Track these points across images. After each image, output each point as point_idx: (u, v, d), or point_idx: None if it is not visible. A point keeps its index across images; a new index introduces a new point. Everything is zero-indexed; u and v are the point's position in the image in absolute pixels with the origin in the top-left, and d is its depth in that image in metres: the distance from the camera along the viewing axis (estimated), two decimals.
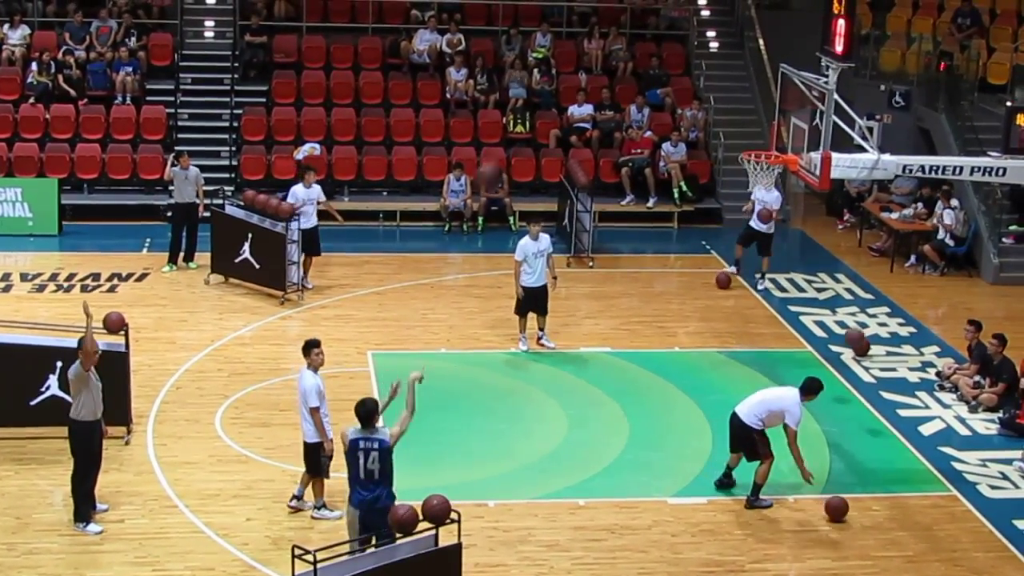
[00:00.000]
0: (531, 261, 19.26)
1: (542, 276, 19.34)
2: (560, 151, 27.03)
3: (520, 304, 19.46)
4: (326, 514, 14.50)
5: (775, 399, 15.12)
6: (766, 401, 15.11)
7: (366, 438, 12.42)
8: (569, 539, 14.33)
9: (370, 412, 12.45)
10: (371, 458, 12.38)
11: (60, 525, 14.18)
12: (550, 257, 19.46)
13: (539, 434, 16.92)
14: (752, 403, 15.14)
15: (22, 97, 26.49)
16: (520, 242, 19.39)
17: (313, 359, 14.26)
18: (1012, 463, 16.50)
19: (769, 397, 15.21)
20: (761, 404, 15.07)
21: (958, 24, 28.05)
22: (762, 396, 15.26)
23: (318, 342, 14.34)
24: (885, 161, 16.97)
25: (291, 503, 14.69)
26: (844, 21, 16.75)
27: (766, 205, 22.45)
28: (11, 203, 24.33)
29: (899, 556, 14.31)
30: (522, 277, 19.25)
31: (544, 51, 28.54)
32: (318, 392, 14.15)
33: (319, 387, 14.17)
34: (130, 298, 21.05)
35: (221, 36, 28.90)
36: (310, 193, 21.47)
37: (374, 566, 11.46)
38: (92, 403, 13.97)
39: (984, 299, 22.94)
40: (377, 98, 27.72)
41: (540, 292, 19.44)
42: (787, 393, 15.13)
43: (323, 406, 14.27)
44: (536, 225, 19.47)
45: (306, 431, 14.35)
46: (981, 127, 24.68)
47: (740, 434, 15.13)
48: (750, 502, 15.07)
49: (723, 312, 21.63)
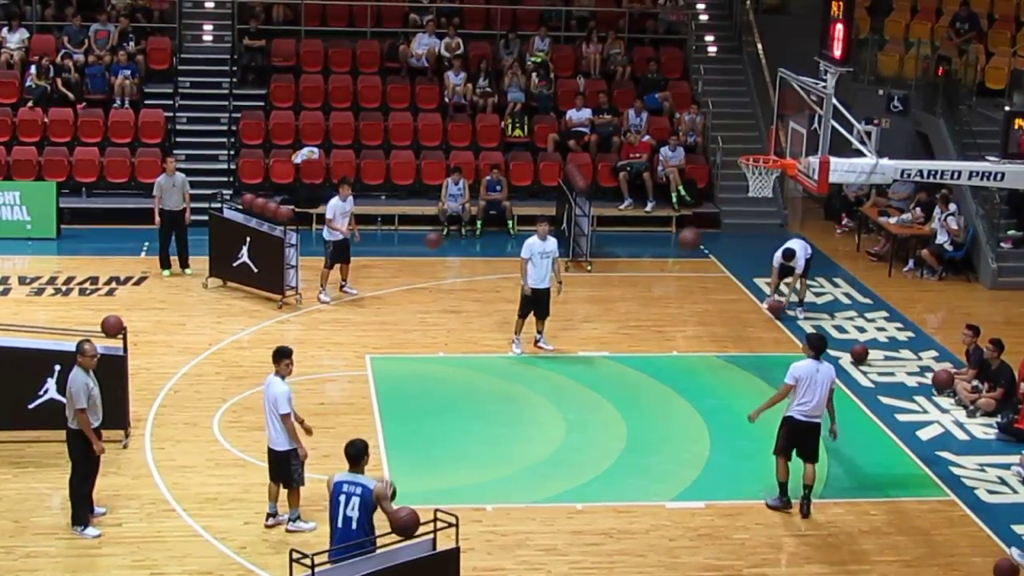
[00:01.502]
0: (536, 261, 19.22)
1: (546, 278, 19.33)
2: (558, 155, 27.04)
3: (522, 304, 19.44)
4: (301, 526, 14.19)
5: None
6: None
7: (351, 481, 11.90)
8: (567, 543, 14.32)
9: (359, 452, 12.02)
10: (351, 504, 11.81)
11: (58, 529, 14.17)
12: (556, 261, 19.45)
13: (537, 438, 16.92)
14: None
15: (20, 101, 26.49)
16: (528, 241, 19.36)
17: (282, 368, 13.98)
18: (1010, 468, 16.51)
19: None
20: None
21: (956, 28, 28.09)
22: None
23: (290, 352, 14.08)
24: (883, 165, 16.99)
25: (267, 523, 14.33)
26: (842, 25, 16.77)
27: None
28: (9, 207, 24.33)
29: (897, 561, 14.31)
30: (529, 278, 19.24)
31: (542, 55, 28.56)
32: (288, 399, 13.88)
33: (289, 394, 13.90)
34: (128, 302, 21.05)
35: (219, 40, 28.90)
36: (346, 205, 21.44)
37: (372, 570, 11.44)
38: (92, 411, 13.96)
39: (982, 304, 22.94)
40: (375, 102, 27.73)
41: (543, 294, 19.43)
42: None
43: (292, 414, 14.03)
44: (544, 225, 19.44)
45: (275, 439, 14.01)
46: (979, 131, 24.69)
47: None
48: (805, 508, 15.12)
49: (721, 316, 21.63)
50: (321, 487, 12.77)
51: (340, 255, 21.48)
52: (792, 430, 14.98)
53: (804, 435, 14.97)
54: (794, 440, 15.00)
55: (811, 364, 14.89)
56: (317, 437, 16.46)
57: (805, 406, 14.83)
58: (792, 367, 14.95)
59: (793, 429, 14.97)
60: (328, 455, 16.00)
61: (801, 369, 14.86)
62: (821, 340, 15.31)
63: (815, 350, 15.03)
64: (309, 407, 17.40)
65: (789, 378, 14.88)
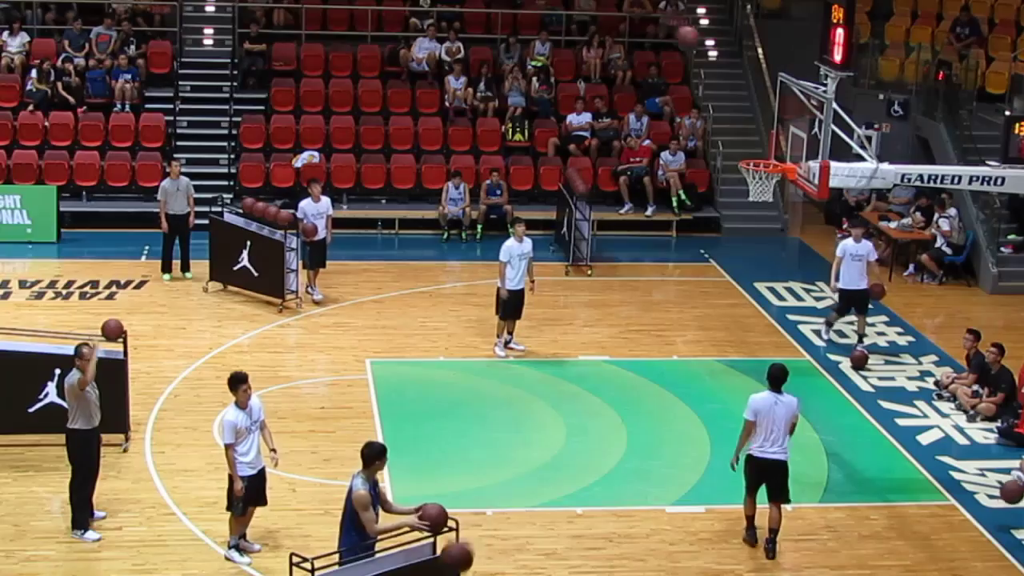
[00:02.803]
0: (515, 263, 19.26)
1: (522, 280, 19.36)
2: (559, 159, 27.05)
3: (503, 307, 19.45)
4: (234, 556, 13.67)
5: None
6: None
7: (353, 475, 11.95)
8: (567, 548, 14.32)
9: (372, 455, 11.91)
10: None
11: (58, 533, 14.16)
12: (530, 261, 19.47)
13: (537, 443, 16.91)
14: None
15: (21, 104, 26.52)
16: (505, 244, 19.39)
17: (239, 395, 13.34)
18: (1010, 472, 16.47)
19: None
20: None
21: (957, 33, 28.09)
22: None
23: (246, 377, 13.41)
24: (883, 170, 16.98)
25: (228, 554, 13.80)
26: (843, 30, 16.79)
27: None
28: (10, 210, 24.34)
29: (897, 565, 14.30)
30: (507, 279, 19.27)
31: (543, 60, 28.57)
32: (233, 429, 13.25)
33: (235, 424, 13.25)
34: (128, 305, 21.05)
35: (220, 44, 28.92)
36: (319, 207, 21.41)
37: (373, 574, 11.44)
38: (88, 412, 13.96)
39: (983, 308, 22.95)
40: (376, 106, 27.74)
41: (519, 295, 19.46)
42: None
43: (243, 444, 13.35)
44: (521, 226, 19.48)
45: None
46: (980, 136, 24.71)
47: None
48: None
49: (722, 321, 21.63)
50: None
51: (315, 258, 21.44)
52: (755, 468, 14.18)
53: (768, 473, 14.13)
54: (759, 478, 14.23)
55: (769, 397, 14.03)
56: (317, 441, 16.53)
57: (764, 443, 14.02)
58: (750, 400, 14.10)
59: (756, 467, 14.17)
60: (328, 459, 16.04)
61: (759, 402, 14.02)
62: (782, 371, 14.11)
63: (773, 381, 14.08)
64: (309, 411, 17.44)
65: (748, 413, 14.04)
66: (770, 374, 14.18)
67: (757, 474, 14.25)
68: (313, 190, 21.53)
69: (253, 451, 13.50)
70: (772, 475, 14.19)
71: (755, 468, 14.23)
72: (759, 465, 14.17)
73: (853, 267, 20.00)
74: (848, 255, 20.03)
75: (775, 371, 14.17)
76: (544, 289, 21.31)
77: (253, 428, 13.45)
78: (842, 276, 20.11)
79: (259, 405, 13.62)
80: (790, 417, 14.07)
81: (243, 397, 13.36)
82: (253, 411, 13.48)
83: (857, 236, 20.17)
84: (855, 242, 20.08)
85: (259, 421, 13.56)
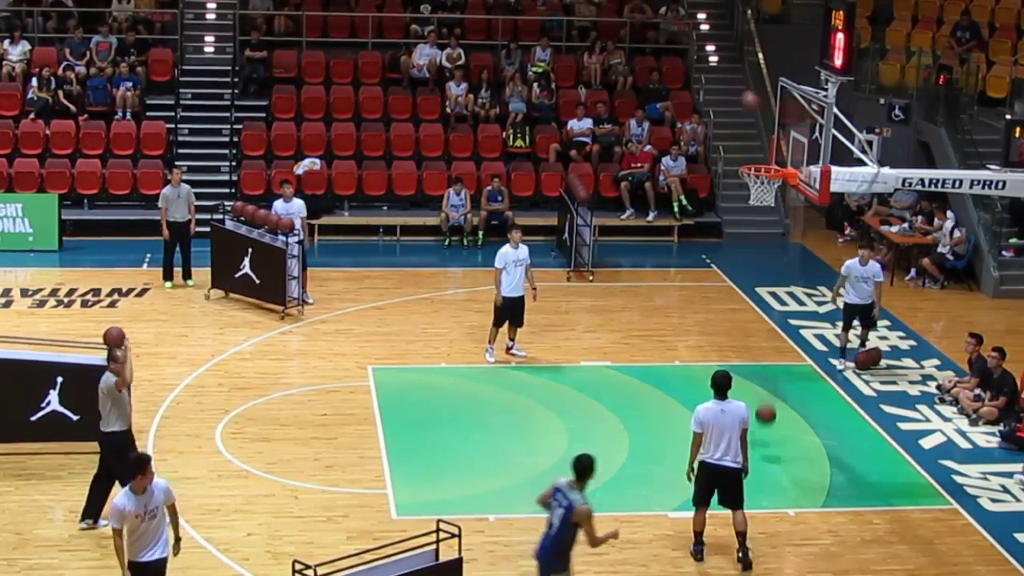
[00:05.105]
0: (511, 270, 19.24)
1: (520, 286, 19.34)
2: (560, 165, 27.05)
3: (499, 313, 19.45)
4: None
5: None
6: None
7: (564, 493, 11.97)
8: None
9: (583, 469, 11.96)
10: (557, 514, 11.99)
11: (60, 541, 14.16)
12: (529, 268, 19.46)
13: (539, 448, 16.90)
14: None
15: (22, 113, 26.51)
16: (500, 250, 19.38)
17: (136, 484, 11.64)
18: (1013, 476, 16.48)
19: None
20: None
21: (957, 38, 28.12)
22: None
23: (148, 459, 11.98)
24: (885, 175, 16.98)
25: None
26: (843, 35, 16.77)
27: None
28: (11, 219, 24.34)
29: (900, 570, 14.29)
30: (503, 286, 19.26)
31: (544, 65, 28.58)
32: (119, 514, 11.62)
33: (121, 509, 11.59)
34: (130, 313, 21.05)
35: (221, 51, 28.93)
36: (289, 208, 21.41)
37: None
38: (125, 414, 14.08)
39: (984, 312, 22.94)
40: (377, 113, 27.75)
41: (518, 302, 19.43)
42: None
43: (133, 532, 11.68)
44: (516, 233, 19.48)
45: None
46: (980, 140, 24.70)
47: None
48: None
49: (723, 326, 21.62)
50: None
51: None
52: (707, 475, 13.94)
53: (721, 481, 13.94)
54: (711, 487, 14.02)
55: (714, 406, 13.86)
56: (320, 448, 16.52)
57: (715, 451, 13.83)
58: (696, 411, 13.97)
59: (709, 473, 13.93)
60: (330, 465, 16.04)
61: (704, 412, 13.85)
62: (725, 378, 14.00)
63: (718, 389, 13.91)
64: (311, 418, 17.44)
65: (693, 424, 13.90)
66: (714, 382, 14.01)
67: (709, 481, 14.02)
68: (285, 191, 21.64)
69: (144, 540, 11.75)
70: (725, 483, 14.00)
71: (707, 474, 14.00)
72: (711, 471, 13.95)
73: (859, 287, 19.58)
74: (853, 276, 19.54)
75: (719, 378, 14.02)
76: (546, 295, 21.30)
77: (148, 517, 11.71)
78: (847, 295, 19.72)
79: (164, 488, 11.88)
80: (739, 424, 13.85)
81: (139, 485, 11.61)
82: (154, 496, 11.75)
83: (864, 258, 19.54)
84: (861, 264, 19.54)
85: (157, 508, 11.78)
